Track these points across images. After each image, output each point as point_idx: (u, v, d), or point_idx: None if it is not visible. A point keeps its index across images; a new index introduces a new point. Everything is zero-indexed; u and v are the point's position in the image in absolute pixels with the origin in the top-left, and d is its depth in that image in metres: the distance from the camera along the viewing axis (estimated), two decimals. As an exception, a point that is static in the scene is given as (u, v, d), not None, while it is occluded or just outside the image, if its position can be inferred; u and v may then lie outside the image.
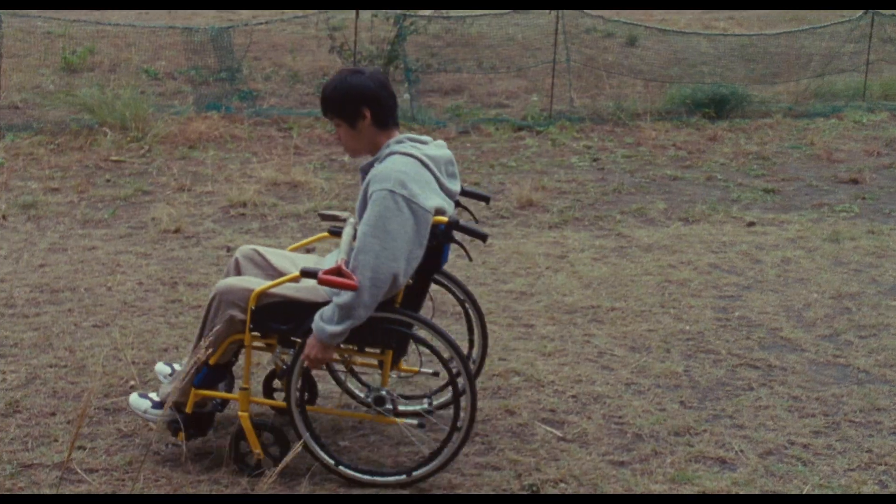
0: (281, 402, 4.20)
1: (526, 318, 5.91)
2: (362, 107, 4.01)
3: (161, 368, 4.63)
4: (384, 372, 4.15)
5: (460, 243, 4.22)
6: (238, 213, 7.95)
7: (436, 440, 4.21)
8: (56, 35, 14.24)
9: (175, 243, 7.17)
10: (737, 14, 20.02)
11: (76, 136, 10.05)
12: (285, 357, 4.18)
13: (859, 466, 4.32)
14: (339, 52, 12.98)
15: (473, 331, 4.69)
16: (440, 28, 15.19)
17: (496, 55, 14.89)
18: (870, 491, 4.13)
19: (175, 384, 4.17)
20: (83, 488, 4.00)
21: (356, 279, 3.78)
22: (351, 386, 4.73)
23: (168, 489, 4.01)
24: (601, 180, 9.33)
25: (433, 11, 15.02)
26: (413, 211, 3.84)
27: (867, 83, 13.37)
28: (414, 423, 4.15)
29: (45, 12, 13.59)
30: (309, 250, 6.29)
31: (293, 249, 4.62)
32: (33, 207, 7.87)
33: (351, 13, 12.44)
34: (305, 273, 3.90)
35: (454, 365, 4.06)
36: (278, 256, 4.39)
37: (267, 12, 17.54)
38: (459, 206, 4.34)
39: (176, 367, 4.51)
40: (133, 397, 4.33)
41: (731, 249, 7.30)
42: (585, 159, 10.16)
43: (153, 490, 4.01)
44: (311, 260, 4.39)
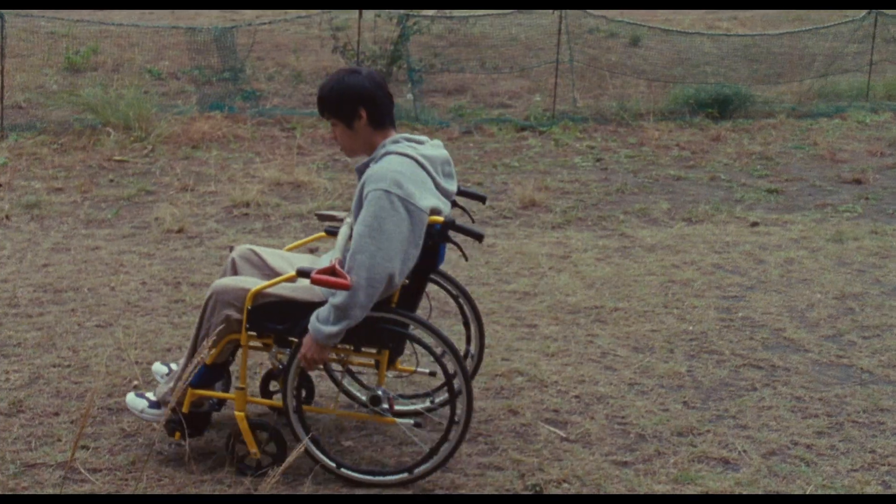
0: (277, 402, 4.20)
1: (529, 319, 5.91)
2: (359, 107, 4.01)
3: (158, 368, 4.63)
4: (380, 372, 4.15)
5: (456, 243, 4.22)
6: (241, 213, 7.95)
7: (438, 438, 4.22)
8: (59, 35, 14.25)
9: (178, 243, 7.17)
10: (740, 14, 20.00)
11: (79, 136, 10.06)
12: (282, 357, 4.19)
13: (862, 467, 4.32)
14: (343, 53, 12.99)
15: (469, 326, 4.68)
16: (443, 28, 15.19)
17: (499, 55, 14.88)
18: (873, 491, 4.13)
19: (172, 384, 4.18)
20: (86, 488, 4.01)
21: (352, 279, 3.79)
22: (349, 387, 4.74)
23: (171, 489, 4.02)
24: (604, 180, 9.33)
25: (436, 11, 15.02)
26: (409, 211, 3.84)
27: (871, 83, 13.36)
28: (410, 423, 4.16)
29: (49, 12, 13.60)
30: (312, 250, 6.30)
31: (291, 249, 4.62)
32: (37, 207, 7.88)
33: (354, 13, 12.45)
34: (301, 273, 3.91)
35: (448, 360, 4.05)
36: (275, 256, 4.39)
37: (270, 12, 17.54)
38: (456, 206, 4.34)
39: (173, 367, 4.51)
40: (130, 397, 4.33)
41: (735, 250, 7.30)
42: (588, 159, 10.16)
43: (156, 490, 4.01)
44: (308, 260, 4.39)
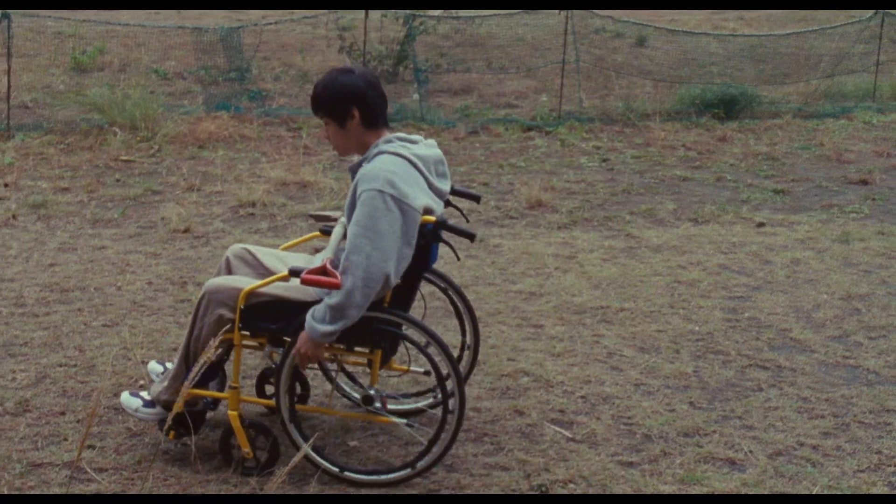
0: (271, 402, 4.21)
1: (535, 319, 5.91)
2: (351, 106, 4.01)
3: (153, 367, 4.64)
4: (373, 371, 4.15)
5: (448, 243, 4.23)
6: (247, 213, 7.96)
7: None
8: (66, 35, 14.28)
9: (184, 243, 7.18)
10: (746, 14, 19.99)
11: (86, 136, 10.08)
12: (276, 356, 4.19)
13: (868, 468, 4.31)
14: (349, 53, 12.99)
15: (462, 318, 4.68)
16: (449, 28, 15.19)
17: (505, 55, 14.88)
18: (879, 492, 4.12)
19: (166, 383, 4.19)
20: (93, 487, 4.01)
21: (348, 279, 3.79)
22: (346, 387, 4.74)
23: (177, 488, 4.02)
24: (610, 181, 9.32)
25: (442, 11, 15.03)
26: (402, 210, 3.84)
27: (877, 84, 13.34)
28: (403, 423, 4.17)
29: (56, 12, 13.62)
30: (318, 250, 6.30)
31: (286, 249, 4.62)
32: (43, 207, 7.89)
33: (360, 13, 12.45)
34: (293, 272, 3.92)
35: (432, 350, 4.05)
36: (269, 256, 4.40)
37: (276, 12, 17.57)
38: (450, 206, 4.33)
39: (168, 366, 4.51)
40: (124, 396, 4.34)
41: (741, 250, 7.29)
42: (595, 160, 10.15)
43: (162, 489, 4.02)
44: (302, 259, 4.40)
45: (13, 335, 5.45)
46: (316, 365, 4.29)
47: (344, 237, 4.12)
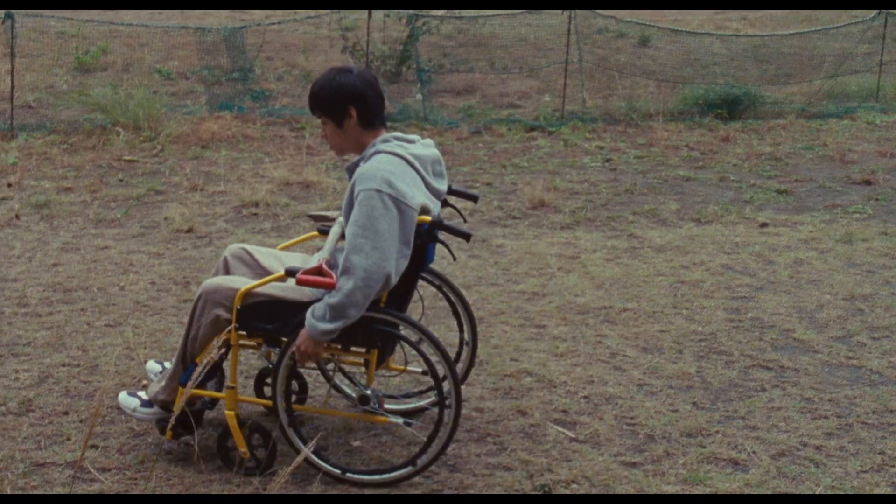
0: (270, 402, 4.21)
1: (538, 319, 5.90)
2: (349, 106, 4.02)
3: (152, 366, 4.64)
4: (369, 371, 4.15)
5: (444, 243, 4.22)
6: (250, 213, 7.96)
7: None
8: (69, 35, 14.29)
9: (187, 243, 7.18)
10: (749, 14, 19.98)
11: (89, 136, 10.09)
12: (273, 356, 4.19)
13: (872, 468, 4.31)
14: (352, 53, 12.99)
15: (459, 315, 4.68)
16: (452, 28, 15.19)
17: (508, 55, 14.88)
18: (882, 493, 4.12)
19: (163, 383, 4.19)
20: (96, 487, 4.02)
21: (349, 279, 3.79)
22: (345, 388, 4.74)
23: (180, 488, 4.02)
24: (613, 181, 9.32)
25: (445, 11, 15.03)
26: (400, 209, 3.84)
27: (880, 84, 13.32)
28: (400, 422, 4.17)
29: (59, 12, 13.63)
30: (318, 249, 6.29)
31: (284, 248, 4.62)
32: (46, 207, 7.90)
33: (363, 13, 12.45)
34: (289, 272, 3.92)
35: (426, 348, 4.05)
36: (267, 255, 4.39)
37: (279, 12, 17.57)
38: (448, 206, 4.33)
39: (166, 366, 4.51)
40: (122, 396, 4.34)
41: (744, 250, 7.29)
42: (598, 160, 10.15)
43: (165, 489, 4.02)
44: (300, 259, 4.40)
45: (16, 335, 5.45)
46: (314, 365, 4.30)
47: (342, 237, 4.11)
